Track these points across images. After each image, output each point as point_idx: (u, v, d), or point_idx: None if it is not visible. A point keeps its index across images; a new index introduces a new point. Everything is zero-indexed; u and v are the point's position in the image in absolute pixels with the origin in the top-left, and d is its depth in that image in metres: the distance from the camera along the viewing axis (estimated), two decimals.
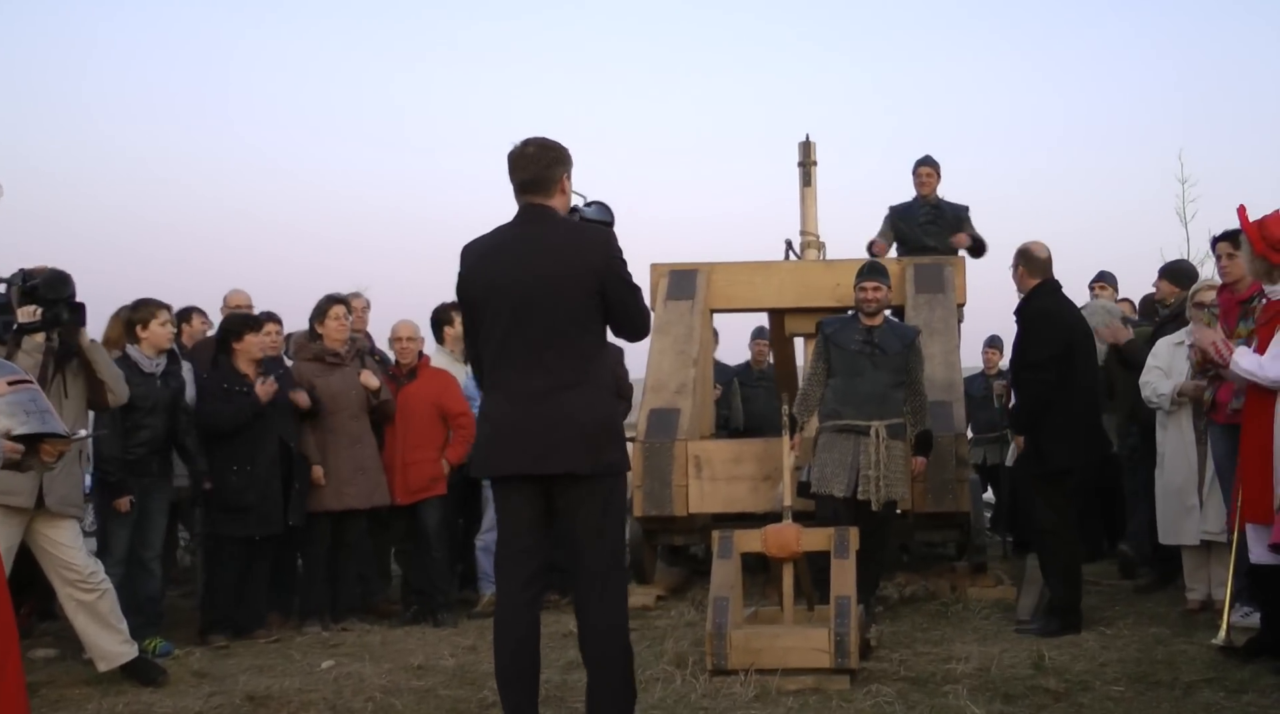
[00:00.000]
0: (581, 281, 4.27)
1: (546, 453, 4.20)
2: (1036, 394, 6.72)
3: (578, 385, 4.27)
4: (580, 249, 4.32)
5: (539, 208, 4.38)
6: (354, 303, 8.57)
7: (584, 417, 4.25)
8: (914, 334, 7.37)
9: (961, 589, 7.85)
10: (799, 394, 7.37)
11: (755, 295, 9.20)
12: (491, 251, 4.39)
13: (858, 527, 6.21)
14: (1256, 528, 5.48)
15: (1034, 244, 6.93)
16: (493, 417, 4.35)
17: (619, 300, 4.34)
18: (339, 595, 7.64)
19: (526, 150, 4.38)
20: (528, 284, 4.26)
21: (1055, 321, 6.72)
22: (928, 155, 9.81)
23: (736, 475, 8.00)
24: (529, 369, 4.26)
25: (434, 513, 7.75)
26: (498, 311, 4.31)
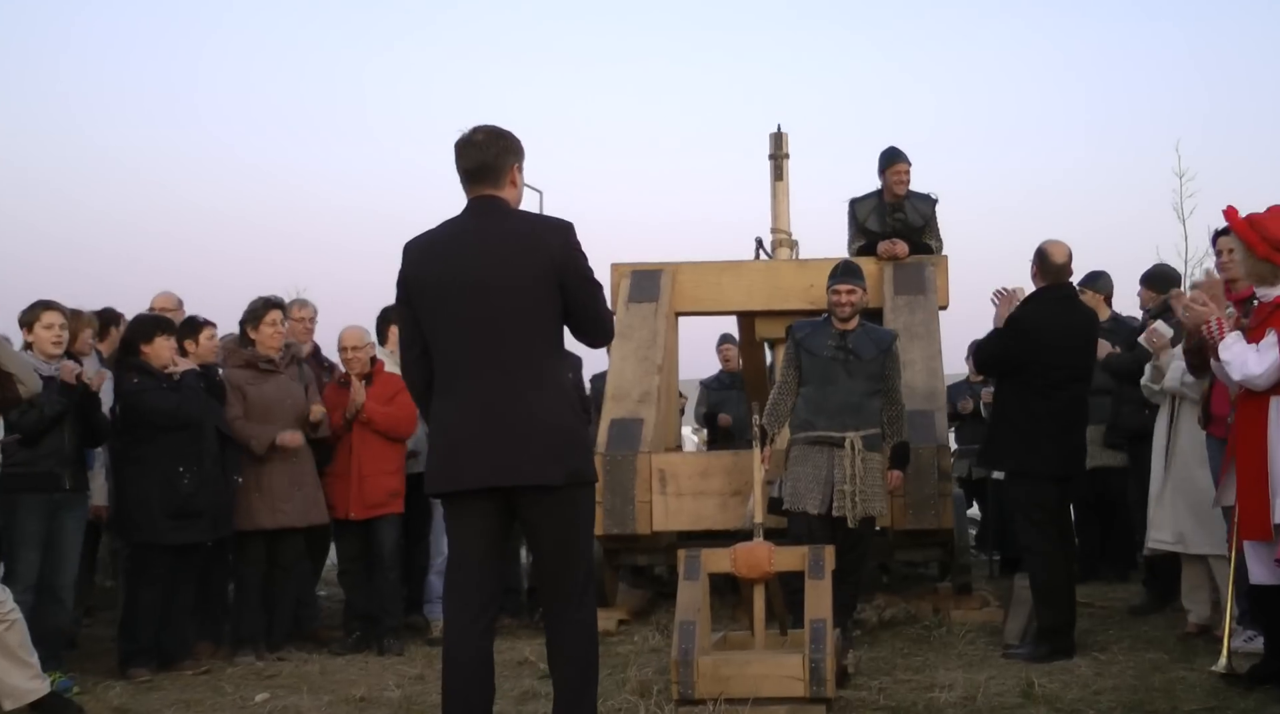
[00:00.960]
0: (540, 275, 4.21)
1: (515, 463, 4.15)
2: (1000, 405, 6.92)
3: (541, 388, 4.22)
4: (537, 240, 4.26)
5: (489, 199, 4.33)
6: (298, 312, 8.51)
7: (552, 422, 4.21)
8: (891, 339, 7.36)
9: (945, 612, 7.86)
10: (769, 403, 7.33)
11: (723, 297, 9.17)
12: (439, 247, 4.32)
13: (833, 545, 6.18)
14: (1256, 545, 5.48)
15: (1053, 244, 6.94)
16: (449, 426, 4.26)
17: (580, 298, 4.29)
18: (275, 621, 7.53)
19: (474, 138, 4.33)
20: (482, 280, 4.20)
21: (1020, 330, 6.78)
22: (898, 150, 9.34)
23: (704, 490, 7.96)
24: (487, 373, 4.20)
25: (391, 531, 7.70)
26: (449, 311, 4.24)
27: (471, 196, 4.36)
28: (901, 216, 9.20)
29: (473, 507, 4.24)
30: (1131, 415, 8.08)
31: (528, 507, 4.22)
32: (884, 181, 9.24)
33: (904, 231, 9.15)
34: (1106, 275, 9.27)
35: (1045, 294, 6.91)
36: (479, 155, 4.31)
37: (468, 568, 4.27)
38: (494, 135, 4.35)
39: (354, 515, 7.65)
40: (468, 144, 4.33)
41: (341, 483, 7.67)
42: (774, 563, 5.80)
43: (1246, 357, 5.43)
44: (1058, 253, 6.91)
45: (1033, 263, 6.97)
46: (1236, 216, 5.64)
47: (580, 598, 4.28)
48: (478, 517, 4.25)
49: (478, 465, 4.17)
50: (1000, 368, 7.00)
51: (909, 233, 9.15)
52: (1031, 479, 6.75)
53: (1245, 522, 5.51)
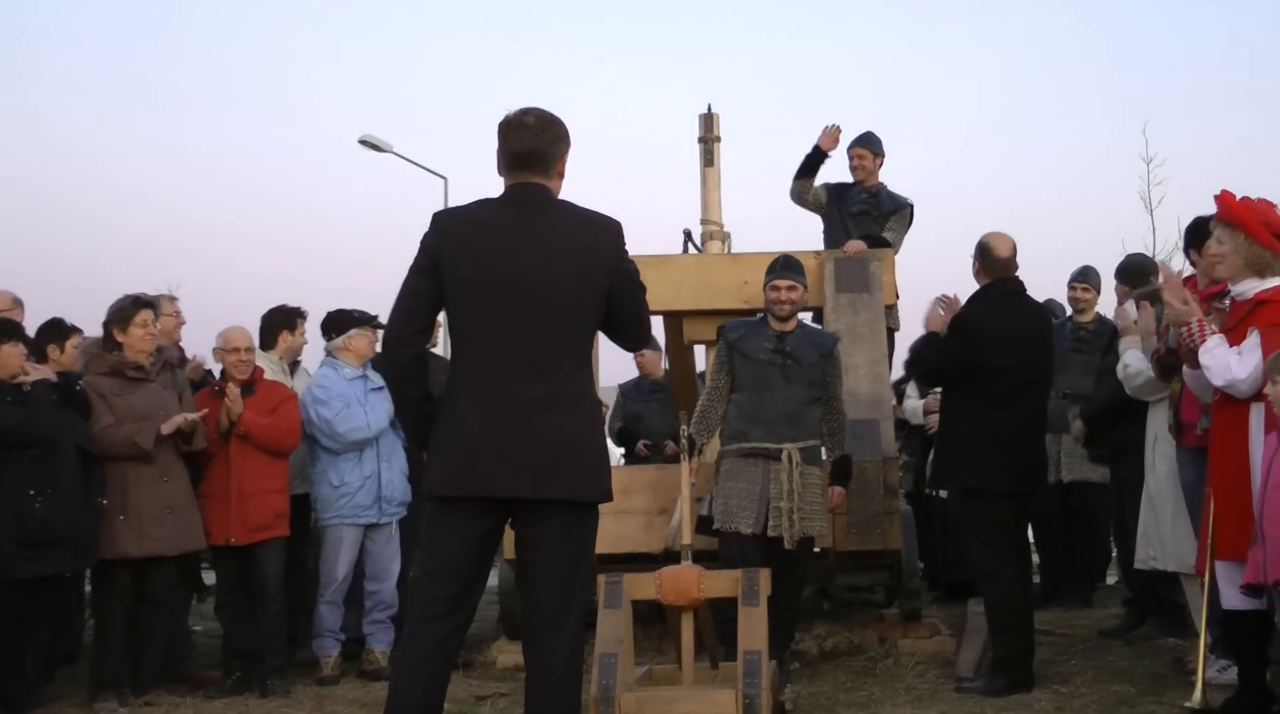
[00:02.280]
0: (592, 280, 4.32)
1: (548, 476, 4.22)
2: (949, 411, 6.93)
3: (580, 398, 4.33)
4: (593, 238, 4.37)
5: (536, 188, 4.39)
6: (165, 308, 8.34)
7: (587, 436, 4.32)
8: (832, 342, 7.35)
9: (892, 641, 7.86)
10: (697, 412, 7.31)
11: (648, 295, 9.03)
12: (483, 231, 4.34)
13: (769, 568, 6.13)
14: (1230, 567, 5.49)
15: (995, 237, 6.95)
16: (470, 427, 4.27)
17: (627, 303, 4.42)
18: (142, 661, 7.34)
19: (526, 120, 4.38)
20: (530, 277, 4.25)
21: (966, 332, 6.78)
22: (865, 134, 9.71)
23: (625, 509, 7.90)
24: (519, 374, 4.26)
25: (276, 557, 7.61)
26: (488, 303, 4.27)
27: (513, 183, 4.40)
28: (872, 200, 9.48)
29: (469, 513, 4.28)
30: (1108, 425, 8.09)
31: (537, 523, 4.28)
32: (849, 165, 9.63)
33: (870, 214, 9.42)
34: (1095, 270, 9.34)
35: (991, 291, 6.91)
36: (532, 140, 4.37)
37: (439, 576, 4.31)
38: (548, 121, 4.41)
39: (234, 540, 7.51)
40: (519, 127, 4.38)
41: (219, 505, 7.51)
42: (703, 588, 5.77)
43: (1229, 361, 5.44)
44: (1002, 246, 6.92)
45: (974, 258, 6.97)
46: (1234, 200, 5.65)
47: (577, 641, 4.37)
48: (471, 525, 4.30)
49: (504, 474, 4.22)
50: (947, 376, 6.98)
51: (875, 217, 9.41)
52: (985, 496, 6.74)
53: (1221, 541, 5.52)
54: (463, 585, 4.34)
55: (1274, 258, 5.56)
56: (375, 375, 8.04)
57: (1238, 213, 5.61)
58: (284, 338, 8.32)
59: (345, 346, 8.09)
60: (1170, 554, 6.93)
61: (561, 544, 4.31)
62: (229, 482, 7.53)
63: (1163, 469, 7.05)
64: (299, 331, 8.38)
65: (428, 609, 4.32)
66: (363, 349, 8.09)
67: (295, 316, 8.35)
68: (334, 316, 8.22)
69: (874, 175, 9.67)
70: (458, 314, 4.33)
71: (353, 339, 8.09)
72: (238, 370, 7.70)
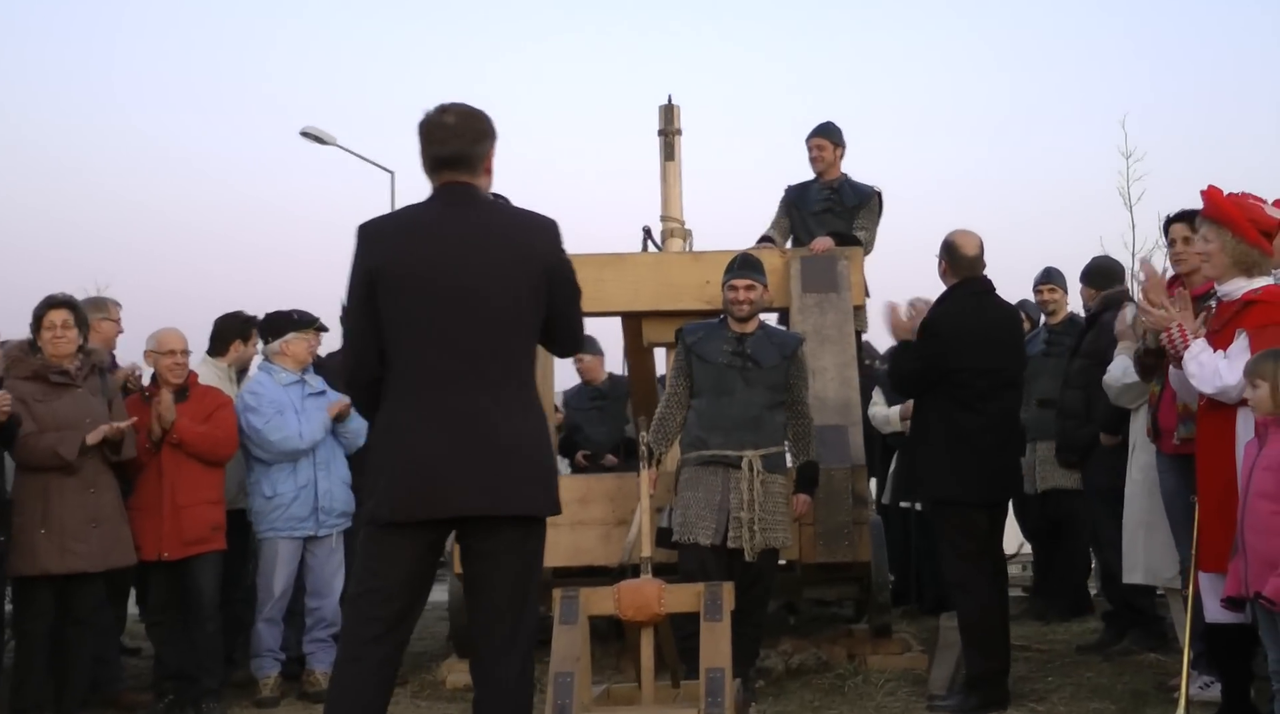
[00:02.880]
0: (531, 282, 4.31)
1: (500, 491, 4.22)
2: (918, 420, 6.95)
3: (526, 406, 4.32)
4: (529, 237, 4.37)
5: (465, 188, 4.39)
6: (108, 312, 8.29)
7: (536, 445, 4.33)
8: (796, 343, 7.36)
9: (861, 658, 7.86)
10: (655, 418, 7.32)
11: (605, 295, 9.07)
12: (414, 238, 4.33)
13: (732, 582, 6.11)
14: (1213, 578, 5.51)
15: (961, 235, 6.97)
16: (416, 445, 4.25)
17: (563, 307, 4.42)
18: (66, 685, 7.24)
19: (445, 120, 4.37)
20: (468, 282, 4.25)
21: (938, 334, 6.80)
22: (824, 123, 9.65)
23: (582, 520, 7.89)
24: (465, 386, 4.25)
25: (211, 572, 7.54)
26: (424, 313, 4.25)
27: (440, 183, 4.39)
28: (835, 196, 9.41)
29: (413, 534, 4.26)
30: (1076, 430, 8.12)
31: (486, 538, 4.27)
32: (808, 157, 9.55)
33: (835, 211, 9.35)
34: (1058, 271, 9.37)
35: (959, 291, 6.92)
36: (454, 140, 4.36)
37: (375, 596, 4.29)
38: (469, 117, 4.41)
39: (167, 555, 7.43)
40: (439, 127, 4.37)
41: (151, 517, 7.42)
42: (664, 603, 5.76)
43: (1217, 366, 5.45)
44: (969, 244, 6.94)
45: (940, 258, 6.99)
46: (1221, 196, 5.66)
47: (527, 655, 4.37)
48: (414, 546, 4.29)
49: (456, 491, 4.21)
50: (920, 384, 6.96)
51: (841, 213, 9.36)
52: (958, 506, 6.74)
53: (1205, 552, 5.53)
54: (403, 603, 4.32)
55: (1262, 256, 5.58)
56: (315, 380, 7.99)
57: (1225, 210, 5.63)
58: (235, 347, 8.27)
59: (282, 351, 8.00)
60: (1144, 567, 6.96)
61: (512, 558, 4.32)
62: (161, 493, 7.44)
63: (1138, 477, 7.08)
64: (251, 342, 8.32)
65: (366, 629, 4.29)
66: (300, 354, 8.01)
67: (250, 326, 8.26)
68: (271, 319, 8.15)
69: (835, 168, 9.58)
70: (394, 325, 4.30)
71: (290, 343, 8.01)
72: (172, 374, 7.62)
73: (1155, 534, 6.80)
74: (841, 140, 9.65)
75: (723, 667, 5.50)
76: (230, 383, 8.19)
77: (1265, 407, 5.23)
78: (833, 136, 9.62)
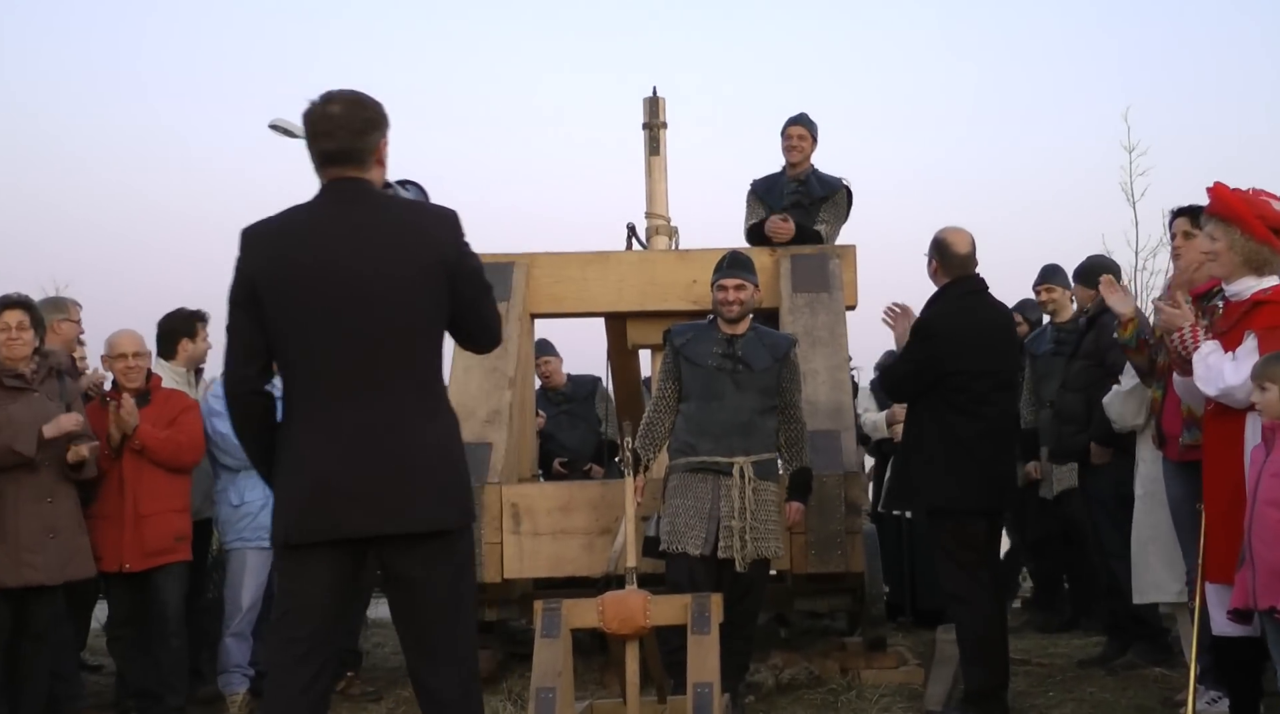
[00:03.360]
0: (430, 276, 4.18)
1: (404, 505, 4.10)
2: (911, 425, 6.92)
3: (432, 413, 4.21)
4: (426, 233, 4.23)
5: (355, 183, 4.26)
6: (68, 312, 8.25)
7: (443, 454, 4.21)
8: (788, 344, 7.34)
9: (855, 672, 7.86)
10: (642, 423, 7.30)
11: (588, 295, 9.11)
12: (299, 238, 4.20)
13: (720, 593, 6.13)
14: (1220, 589, 5.50)
15: (952, 232, 6.96)
16: (313, 461, 4.14)
17: (471, 301, 4.30)
18: (21, 703, 7.19)
19: (330, 110, 4.22)
20: (360, 281, 4.12)
21: (932, 335, 6.79)
22: (801, 114, 9.61)
23: (564, 529, 7.88)
24: (364, 394, 4.13)
25: (175, 584, 7.51)
26: (314, 318, 4.13)
27: (329, 178, 4.27)
28: (802, 188, 9.37)
29: (325, 555, 4.15)
30: (1074, 435, 8.13)
31: (402, 556, 4.15)
32: (782, 147, 9.45)
33: (803, 205, 9.29)
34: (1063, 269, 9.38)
35: (951, 291, 6.92)
36: (340, 133, 4.21)
37: (303, 628, 4.18)
38: (355, 105, 4.26)
39: (129, 567, 7.40)
40: (323, 118, 4.22)
41: (112, 527, 7.39)
42: (650, 615, 5.77)
43: (1222, 368, 5.44)
44: (960, 242, 6.94)
45: (930, 256, 6.99)
46: (1228, 192, 5.66)
47: (469, 665, 4.26)
48: (328, 568, 4.17)
49: (352, 509, 4.09)
50: (915, 388, 6.94)
51: (808, 207, 9.29)
52: (957, 515, 6.73)
53: (1212, 562, 5.53)
54: (323, 624, 4.20)
55: (1272, 254, 5.58)
56: None
57: (1233, 206, 5.62)
58: (184, 346, 8.19)
59: None
60: (1155, 585, 6.97)
61: (433, 577, 4.19)
62: (123, 501, 7.41)
63: (1143, 492, 7.10)
64: (200, 337, 8.25)
65: (287, 652, 4.17)
66: None
67: (195, 321, 8.21)
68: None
69: (806, 160, 9.54)
70: (284, 335, 4.17)
71: None
72: (127, 378, 7.59)
73: (1165, 550, 6.82)
74: (817, 134, 9.62)
75: (711, 681, 5.49)
76: (189, 386, 8.14)
77: (1274, 411, 5.22)
78: (812, 127, 9.58)
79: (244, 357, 4.26)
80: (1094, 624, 9.07)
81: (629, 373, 10.22)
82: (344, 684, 7.90)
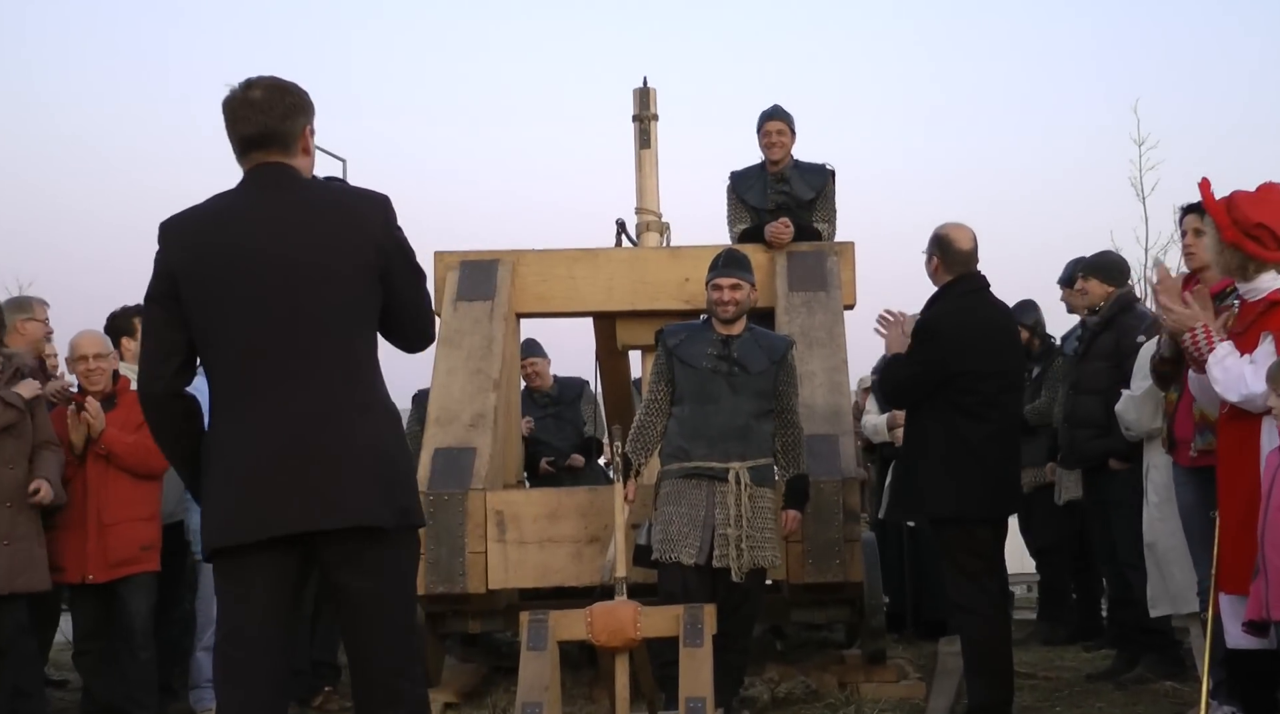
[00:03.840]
0: (359, 261, 4.10)
1: (332, 502, 4.00)
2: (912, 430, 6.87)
3: (365, 408, 4.12)
4: (352, 216, 4.15)
5: (278, 168, 4.19)
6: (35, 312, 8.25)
7: (378, 449, 4.10)
8: (785, 346, 7.34)
9: (854, 686, 7.86)
10: (633, 427, 7.30)
11: (576, 294, 9.10)
12: (218, 227, 4.13)
13: (714, 604, 6.12)
14: (1235, 601, 5.49)
15: (954, 228, 6.94)
16: (238, 458, 4.06)
17: (403, 291, 4.22)
18: None
19: (251, 96, 4.16)
20: (283, 268, 4.04)
21: (937, 335, 6.75)
22: (775, 106, 9.42)
23: (551, 537, 7.86)
24: (290, 387, 4.05)
25: (143, 596, 7.50)
26: (236, 309, 4.06)
27: (251, 166, 4.20)
28: (787, 188, 9.24)
29: (258, 561, 4.06)
30: (1089, 440, 8.10)
31: (337, 560, 4.06)
32: (760, 143, 9.32)
33: (790, 207, 9.17)
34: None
35: (954, 289, 6.89)
36: (260, 118, 4.14)
37: (247, 643, 4.09)
38: (276, 90, 4.19)
39: (93, 578, 7.38)
40: (243, 103, 4.15)
41: (74, 536, 7.38)
42: (640, 627, 5.78)
43: (1243, 373, 5.42)
44: (963, 238, 6.93)
45: (931, 253, 6.93)
46: (1209, 190, 5.67)
47: (410, 680, 4.15)
48: (264, 575, 4.07)
49: (282, 508, 4.00)
50: (918, 391, 6.88)
51: (796, 209, 9.18)
52: (964, 523, 6.71)
53: (1226, 572, 5.51)
54: (268, 647, 4.10)
55: (1245, 258, 5.57)
56: None
57: (1208, 205, 5.67)
58: (126, 345, 8.17)
59: None
60: (1170, 595, 6.96)
61: (371, 583, 4.08)
62: (86, 509, 7.39)
63: (1156, 500, 7.09)
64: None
65: (235, 673, 4.08)
66: None
67: (133, 317, 8.15)
68: None
69: (788, 156, 9.37)
70: (206, 329, 4.10)
71: None
72: (89, 381, 7.58)
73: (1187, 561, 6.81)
74: (795, 125, 9.44)
75: (704, 696, 5.49)
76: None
77: None
78: (790, 120, 9.41)
79: (159, 355, 4.18)
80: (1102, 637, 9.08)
81: (619, 375, 10.22)
82: (320, 699, 7.90)
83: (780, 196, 9.24)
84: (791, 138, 9.38)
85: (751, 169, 9.44)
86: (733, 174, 9.52)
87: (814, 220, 9.20)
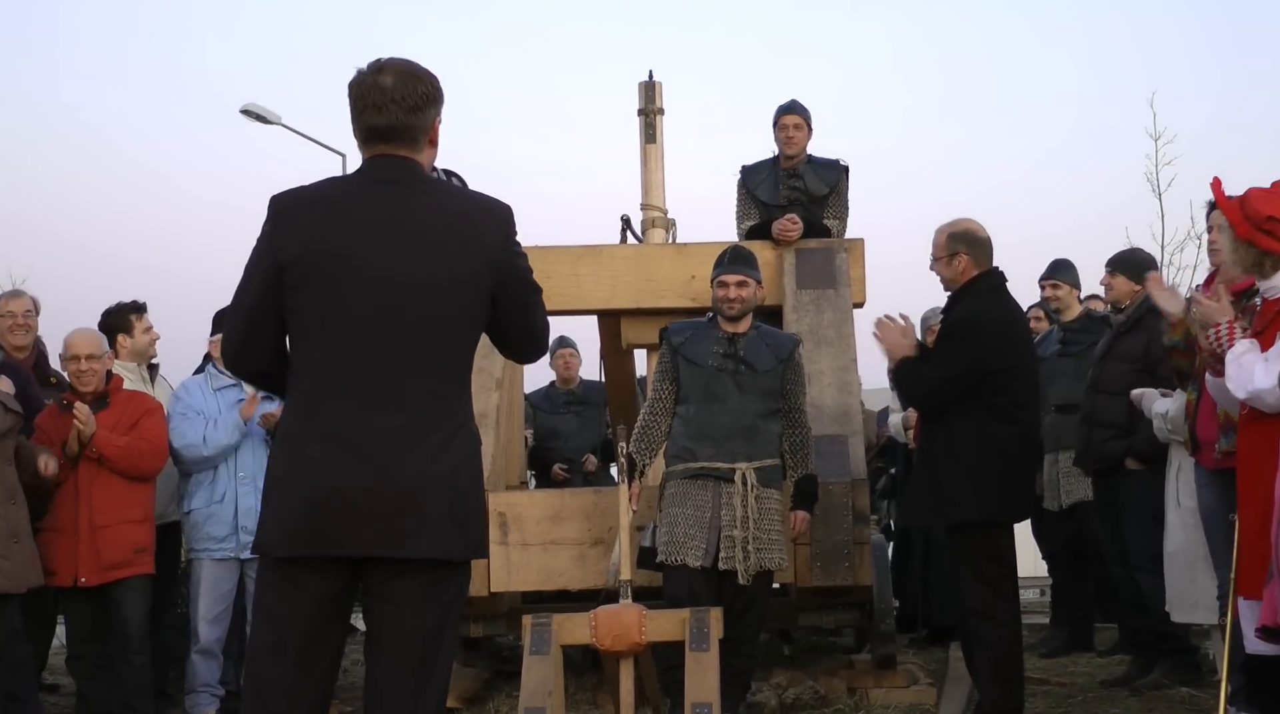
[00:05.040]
0: (472, 279, 3.99)
1: (408, 530, 3.90)
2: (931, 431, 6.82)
3: (453, 430, 4.01)
4: (474, 224, 4.04)
5: (401, 162, 4.06)
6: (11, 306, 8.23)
7: (462, 478, 4.00)
8: (792, 344, 7.35)
9: (863, 691, 7.85)
10: (638, 427, 7.29)
11: (580, 292, 9.09)
12: (329, 214, 4.02)
13: (721, 607, 6.13)
14: (1254, 605, 5.49)
15: (972, 222, 6.91)
16: (313, 468, 3.95)
17: (518, 309, 4.12)
18: None
19: (382, 82, 4.00)
20: (388, 269, 3.93)
21: (978, 332, 6.69)
22: (793, 101, 9.41)
23: (555, 539, 7.86)
24: (376, 400, 3.93)
25: (137, 599, 7.49)
26: (339, 311, 3.95)
27: (371, 155, 4.08)
28: (800, 183, 9.22)
29: (314, 575, 3.96)
30: (1105, 440, 8.06)
31: (392, 580, 3.96)
32: (777, 138, 9.29)
33: (803, 202, 9.16)
34: (1073, 265, 9.37)
35: (983, 284, 6.83)
36: (392, 109, 3.99)
37: (285, 660, 3.98)
38: (409, 78, 4.02)
39: (85, 581, 7.37)
40: (374, 90, 3.99)
41: (65, 539, 7.37)
42: (645, 631, 5.77)
43: (1254, 369, 5.42)
44: (983, 230, 6.92)
45: (956, 250, 6.74)
46: (1220, 188, 5.67)
47: (440, 704, 4.08)
48: (317, 588, 3.97)
49: (361, 527, 3.89)
50: (953, 393, 6.72)
51: (809, 205, 9.16)
52: (986, 527, 6.69)
53: (1245, 576, 5.51)
54: (310, 665, 4.01)
55: (1257, 255, 5.58)
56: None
57: (1220, 203, 5.68)
58: (122, 342, 8.17)
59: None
60: (1193, 602, 6.97)
61: (422, 607, 3.99)
62: (77, 512, 7.39)
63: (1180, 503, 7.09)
64: (138, 330, 8.19)
65: (274, 687, 4.00)
66: None
67: (129, 314, 8.17)
68: (221, 314, 8.06)
69: (803, 151, 9.35)
70: (299, 321, 4.00)
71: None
72: (81, 381, 7.56)
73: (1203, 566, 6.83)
74: (812, 120, 9.41)
75: (710, 701, 5.50)
76: (145, 384, 8.13)
77: None
78: (807, 115, 9.37)
79: (254, 336, 4.09)
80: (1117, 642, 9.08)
81: (623, 374, 10.22)
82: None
83: (792, 191, 9.21)
84: (808, 133, 9.34)
85: (763, 163, 9.41)
86: (744, 168, 9.49)
87: (825, 217, 9.18)
